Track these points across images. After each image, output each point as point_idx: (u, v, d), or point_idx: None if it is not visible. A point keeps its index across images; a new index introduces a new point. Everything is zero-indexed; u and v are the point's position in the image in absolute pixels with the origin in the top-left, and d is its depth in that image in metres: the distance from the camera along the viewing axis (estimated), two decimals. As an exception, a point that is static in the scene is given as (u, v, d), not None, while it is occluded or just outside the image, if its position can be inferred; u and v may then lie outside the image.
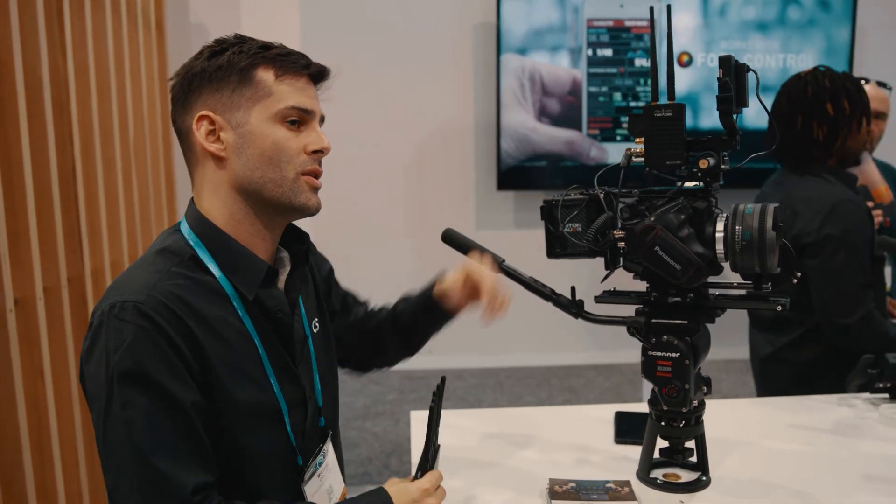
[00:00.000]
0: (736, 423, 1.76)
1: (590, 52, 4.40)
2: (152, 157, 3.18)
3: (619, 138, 4.41)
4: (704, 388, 1.41)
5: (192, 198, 1.26)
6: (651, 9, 1.32)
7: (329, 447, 1.37)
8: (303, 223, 1.32)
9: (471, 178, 4.61)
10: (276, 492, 1.22)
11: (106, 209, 2.62)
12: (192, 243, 1.20)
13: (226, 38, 1.23)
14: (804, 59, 4.41)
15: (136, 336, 1.07)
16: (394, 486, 1.24)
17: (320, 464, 1.32)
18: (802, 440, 1.67)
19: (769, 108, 2.11)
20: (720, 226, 1.29)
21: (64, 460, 2.22)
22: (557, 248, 1.42)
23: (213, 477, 1.11)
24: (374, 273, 4.66)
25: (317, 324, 1.39)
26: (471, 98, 4.51)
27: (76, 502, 2.29)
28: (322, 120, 1.27)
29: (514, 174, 4.47)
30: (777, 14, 4.41)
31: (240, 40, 1.22)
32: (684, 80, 4.41)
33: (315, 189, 1.24)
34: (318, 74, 1.26)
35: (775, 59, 4.44)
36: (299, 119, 1.21)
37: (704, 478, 1.45)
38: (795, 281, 1.36)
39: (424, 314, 1.52)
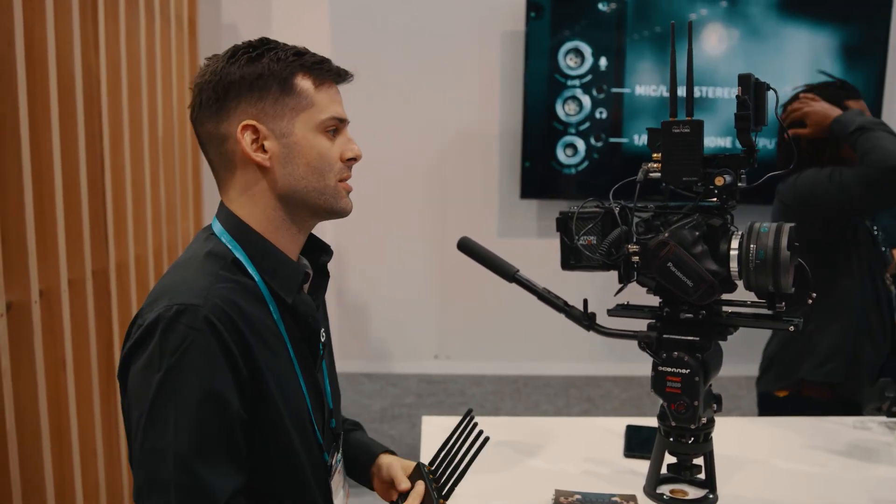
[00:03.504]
0: (748, 442, 1.75)
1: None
2: (180, 154, 3.22)
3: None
4: (714, 405, 1.41)
5: (222, 201, 1.26)
6: (672, 25, 1.32)
7: (341, 448, 1.39)
8: (321, 226, 1.33)
9: (494, 186, 4.61)
10: (311, 487, 1.24)
11: (133, 203, 2.66)
12: (230, 247, 1.21)
13: (254, 42, 1.23)
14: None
15: (194, 341, 1.08)
16: None
17: (339, 461, 1.36)
18: (815, 461, 1.66)
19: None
20: (735, 243, 1.29)
21: (83, 452, 2.25)
22: (572, 260, 1.42)
23: (242, 485, 1.13)
24: (395, 279, 4.69)
25: (324, 333, 1.38)
26: (496, 105, 4.52)
27: (93, 495, 2.32)
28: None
29: (538, 183, 4.48)
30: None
31: (272, 45, 1.22)
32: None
33: (349, 192, 1.27)
34: (343, 79, 1.27)
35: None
36: (336, 128, 1.24)
37: (712, 495, 1.44)
38: (810, 301, 1.35)
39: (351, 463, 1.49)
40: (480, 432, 1.29)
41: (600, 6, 4.30)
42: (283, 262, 1.23)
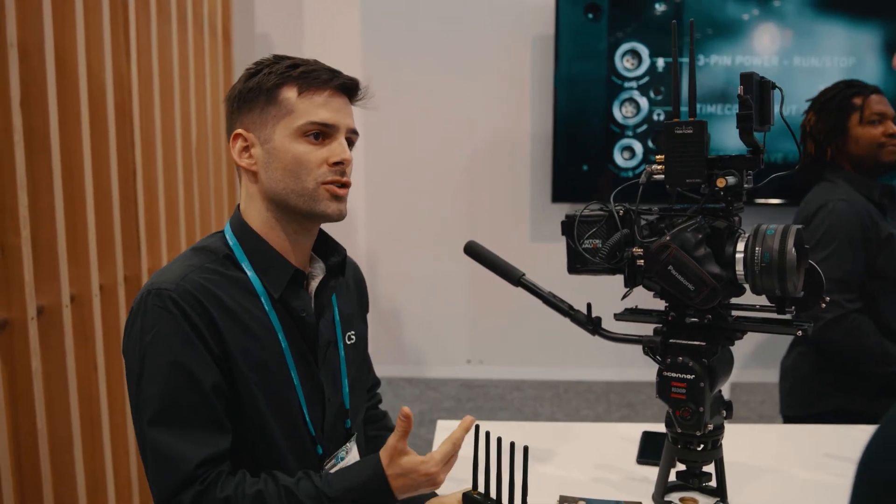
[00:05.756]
0: (765, 449, 1.71)
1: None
2: (214, 161, 3.27)
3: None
4: (724, 411, 1.38)
5: (238, 204, 1.37)
6: (673, 24, 1.30)
7: (353, 447, 1.42)
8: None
9: (526, 191, 4.59)
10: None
11: (165, 211, 2.71)
12: (230, 244, 1.32)
13: (263, 59, 1.34)
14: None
15: (165, 320, 1.21)
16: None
17: (342, 458, 1.38)
18: (836, 471, 1.61)
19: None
20: (741, 246, 1.26)
21: (114, 452, 2.30)
22: (577, 263, 1.40)
23: (222, 450, 1.22)
24: (427, 283, 4.69)
25: (352, 336, 1.46)
26: (527, 109, 4.50)
27: (125, 494, 2.37)
28: (356, 133, 1.34)
29: (570, 186, 4.44)
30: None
31: (275, 60, 1.32)
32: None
33: (336, 197, 1.30)
34: (345, 87, 1.32)
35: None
36: (321, 133, 1.29)
37: (722, 504, 1.41)
38: (823, 305, 1.31)
39: None
40: (499, 439, 1.24)
41: (657, 7, 4.25)
42: (275, 260, 1.32)
